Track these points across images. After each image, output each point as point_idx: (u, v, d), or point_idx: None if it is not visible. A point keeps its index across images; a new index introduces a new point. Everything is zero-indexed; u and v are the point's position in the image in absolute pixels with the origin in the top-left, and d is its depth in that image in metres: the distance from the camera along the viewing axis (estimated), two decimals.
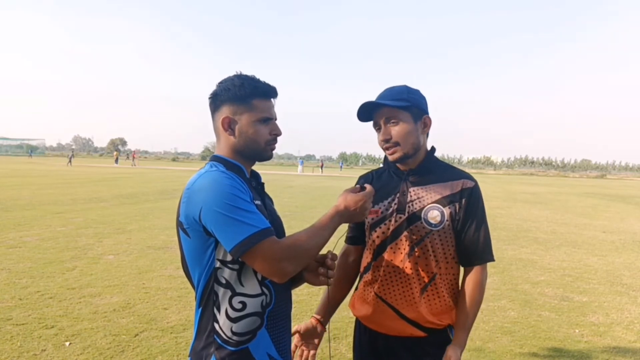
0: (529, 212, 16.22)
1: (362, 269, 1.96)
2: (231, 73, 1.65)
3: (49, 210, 11.83)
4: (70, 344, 4.00)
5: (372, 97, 1.85)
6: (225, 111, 1.59)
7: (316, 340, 1.99)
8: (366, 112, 1.85)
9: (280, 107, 1.68)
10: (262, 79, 1.62)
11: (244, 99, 1.57)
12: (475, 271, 1.84)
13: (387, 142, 1.81)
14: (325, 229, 1.52)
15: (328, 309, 2.02)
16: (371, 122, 1.89)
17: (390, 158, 1.85)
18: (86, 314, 4.70)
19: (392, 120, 1.79)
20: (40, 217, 10.75)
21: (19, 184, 20.11)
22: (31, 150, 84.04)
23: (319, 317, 2.00)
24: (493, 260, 1.86)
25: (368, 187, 1.64)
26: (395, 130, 1.79)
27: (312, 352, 1.96)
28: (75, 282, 5.76)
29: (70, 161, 49.42)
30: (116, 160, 57.04)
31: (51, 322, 4.42)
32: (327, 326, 2.02)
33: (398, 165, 1.91)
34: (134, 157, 61.19)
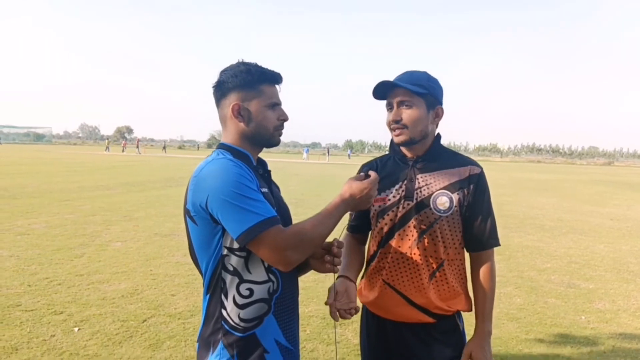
0: (535, 199, 16.17)
1: (368, 257, 1.96)
2: (233, 60, 1.65)
3: (56, 198, 11.90)
4: (79, 329, 4.04)
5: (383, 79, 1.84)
6: (233, 98, 1.59)
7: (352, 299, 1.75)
8: (382, 92, 1.85)
9: (286, 93, 1.68)
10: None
11: (252, 84, 1.58)
12: (484, 257, 1.85)
13: (396, 123, 1.81)
14: (330, 218, 1.51)
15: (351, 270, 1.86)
16: (384, 103, 1.88)
17: (395, 140, 1.85)
18: (94, 300, 4.75)
19: (406, 104, 1.79)
20: (48, 204, 10.82)
21: (26, 172, 20.23)
22: (1, 138, 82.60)
23: (346, 274, 1.81)
24: (499, 245, 1.87)
25: (373, 174, 1.63)
26: (407, 114, 1.79)
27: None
28: (84, 268, 5.81)
29: (164, 149, 59.23)
30: (107, 149, 57.59)
31: (60, 308, 4.47)
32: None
33: (404, 152, 1.90)
34: (137, 145, 61.12)
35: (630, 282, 6.14)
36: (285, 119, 1.65)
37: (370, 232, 2.01)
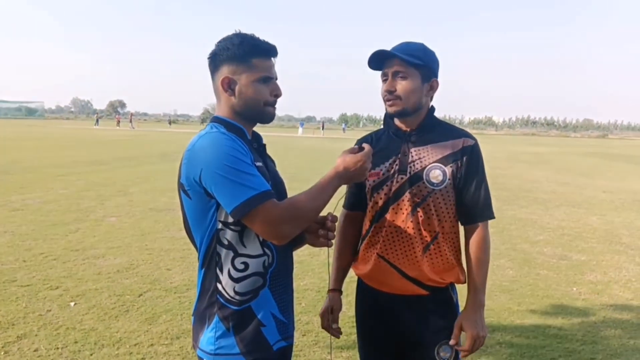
0: (529, 172, 16.24)
1: (363, 232, 1.95)
2: (229, 31, 1.61)
3: (50, 173, 11.85)
4: (75, 304, 4.06)
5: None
6: (224, 71, 1.55)
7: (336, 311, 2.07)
8: (377, 61, 1.82)
9: (280, 67, 1.64)
10: (261, 37, 1.58)
11: (243, 58, 1.53)
12: (478, 230, 1.84)
13: (389, 94, 1.79)
14: (324, 191, 1.50)
15: (340, 278, 2.09)
16: (379, 73, 1.86)
17: (388, 110, 1.83)
18: (90, 275, 4.76)
19: (401, 75, 1.77)
20: (42, 179, 10.77)
21: (19, 147, 20.08)
22: None
23: (337, 287, 2.08)
24: (493, 217, 1.86)
25: (366, 146, 1.62)
26: (401, 85, 1.77)
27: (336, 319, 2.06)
28: (79, 244, 5.82)
29: (170, 123, 65.02)
30: (96, 123, 57.74)
31: (56, 283, 4.49)
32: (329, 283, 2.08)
33: (398, 125, 1.89)
34: (131, 120, 60.64)
35: (621, 254, 6.21)
36: (279, 94, 1.61)
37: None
